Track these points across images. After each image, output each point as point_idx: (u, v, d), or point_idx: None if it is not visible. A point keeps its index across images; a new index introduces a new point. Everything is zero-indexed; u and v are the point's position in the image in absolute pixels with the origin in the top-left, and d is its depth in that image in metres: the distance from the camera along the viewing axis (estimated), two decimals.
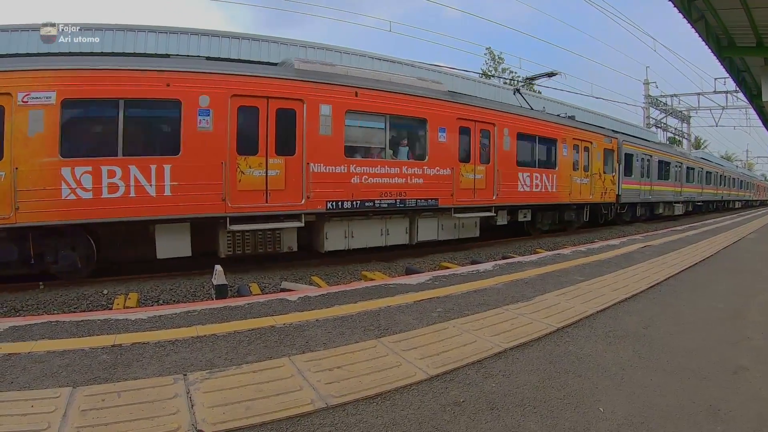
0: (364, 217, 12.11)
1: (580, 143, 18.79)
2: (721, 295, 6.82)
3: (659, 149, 28.11)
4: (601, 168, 20.15)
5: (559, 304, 5.86)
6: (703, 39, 15.75)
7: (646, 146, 26.15)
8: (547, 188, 16.75)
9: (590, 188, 19.35)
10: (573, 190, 18.18)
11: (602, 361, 4.10)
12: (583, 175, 18.89)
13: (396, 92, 12.25)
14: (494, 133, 14.54)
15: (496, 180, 14.48)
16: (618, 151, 21.74)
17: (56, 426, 2.72)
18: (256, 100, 9.97)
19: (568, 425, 3.02)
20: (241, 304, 5.53)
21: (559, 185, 17.37)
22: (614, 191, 21.40)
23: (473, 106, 14.25)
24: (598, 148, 20.03)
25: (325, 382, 3.44)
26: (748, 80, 21.35)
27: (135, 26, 17.52)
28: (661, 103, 47.65)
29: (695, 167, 34.26)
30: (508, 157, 15.03)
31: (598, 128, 22.93)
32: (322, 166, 10.76)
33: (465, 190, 13.63)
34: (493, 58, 53.62)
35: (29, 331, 4.35)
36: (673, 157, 29.60)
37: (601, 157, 20.18)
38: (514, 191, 15.36)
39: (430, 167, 12.72)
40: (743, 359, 4.24)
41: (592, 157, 19.52)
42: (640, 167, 24.05)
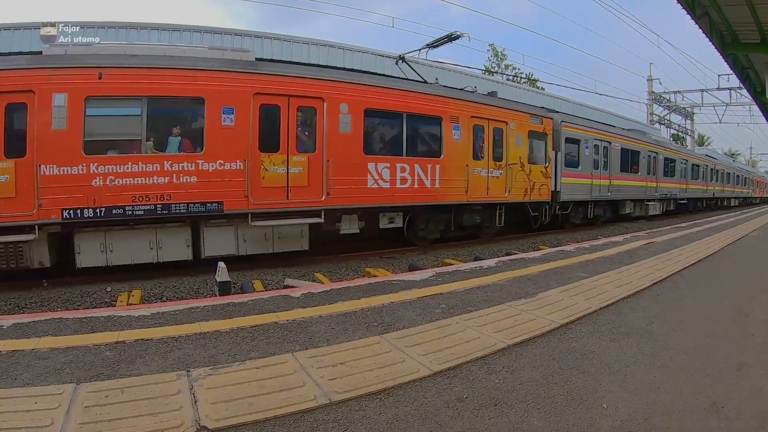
0: (125, 227, 9.53)
1: (486, 123, 14.41)
2: (725, 292, 6.80)
3: (623, 135, 23.30)
4: (524, 156, 15.70)
5: (562, 300, 5.85)
6: (707, 35, 15.73)
7: (604, 130, 21.18)
8: (424, 184, 12.66)
9: (505, 183, 14.97)
10: (474, 185, 13.91)
11: (606, 357, 4.10)
12: (493, 166, 14.57)
13: (158, 67, 9.52)
14: (323, 111, 10.87)
15: (326, 174, 10.79)
16: (554, 135, 17.19)
17: (59, 422, 2.73)
18: None
19: (571, 421, 3.01)
20: (245, 301, 5.54)
21: (448, 179, 13.19)
22: (548, 187, 16.83)
23: (285, 77, 10.64)
24: (519, 129, 15.53)
25: (328, 378, 3.44)
26: (752, 77, 21.33)
27: (137, 24, 17.55)
28: (664, 99, 47.53)
29: (677, 159, 29.53)
30: (348, 142, 11.25)
31: (520, 104, 17.58)
32: (56, 168, 8.61)
33: (272, 188, 10.29)
34: (496, 54, 53.52)
35: (33, 328, 4.36)
36: (645, 146, 24.69)
37: (523, 143, 15.71)
38: (360, 189, 11.49)
39: (207, 161, 9.58)
40: (747, 356, 4.23)
41: (509, 142, 15.04)
42: (593, 157, 19.62)
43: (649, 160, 24.90)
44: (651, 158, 25.22)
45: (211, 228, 10.14)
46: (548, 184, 16.86)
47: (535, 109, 17.80)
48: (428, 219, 13.82)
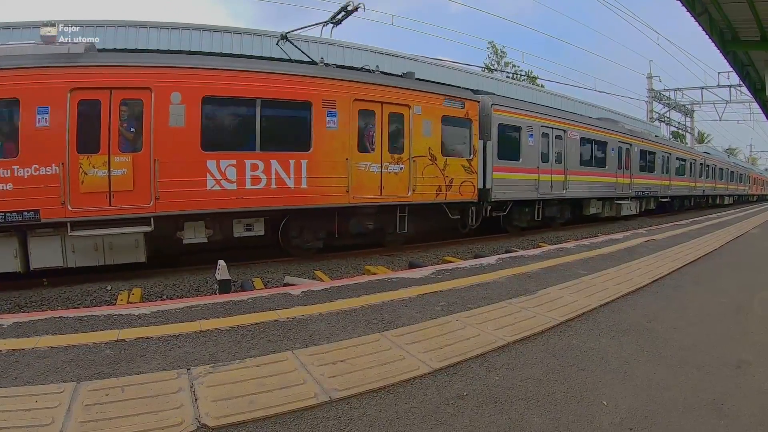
0: None
1: (379, 108, 11.84)
2: (725, 289, 6.81)
3: (584, 122, 19.72)
4: (436, 147, 12.92)
5: (562, 297, 5.86)
6: (707, 33, 15.71)
7: (556, 116, 18.04)
8: (285, 183, 10.38)
9: (408, 180, 12.32)
10: (360, 183, 11.44)
11: (605, 354, 4.10)
12: (389, 160, 11.99)
13: None
14: (151, 102, 9.14)
15: (153, 176, 9.11)
16: (482, 121, 14.32)
17: (60, 421, 2.73)
18: None
19: (571, 418, 3.02)
20: (245, 299, 5.54)
21: (320, 177, 10.81)
22: (472, 183, 13.91)
23: (106, 67, 9.11)
24: (429, 114, 12.75)
25: (328, 375, 3.44)
26: (752, 74, 21.31)
27: (137, 22, 17.52)
28: (664, 97, 47.50)
29: (657, 151, 25.97)
30: (180, 138, 9.41)
31: (431, 84, 14.58)
32: None
33: (92, 194, 8.84)
34: (496, 52, 53.63)
35: (33, 327, 4.36)
36: (614, 135, 21.33)
37: (435, 130, 12.91)
38: (197, 191, 9.53)
39: (22, 166, 8.38)
40: (746, 354, 4.23)
41: (412, 130, 12.36)
42: (541, 147, 16.67)
43: (620, 153, 21.65)
44: (622, 150, 21.95)
45: (36, 238, 8.89)
46: (473, 180, 13.91)
47: (453, 89, 14.85)
48: (303, 225, 11.56)
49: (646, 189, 24.62)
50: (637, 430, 2.92)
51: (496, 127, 14.77)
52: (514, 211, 16.22)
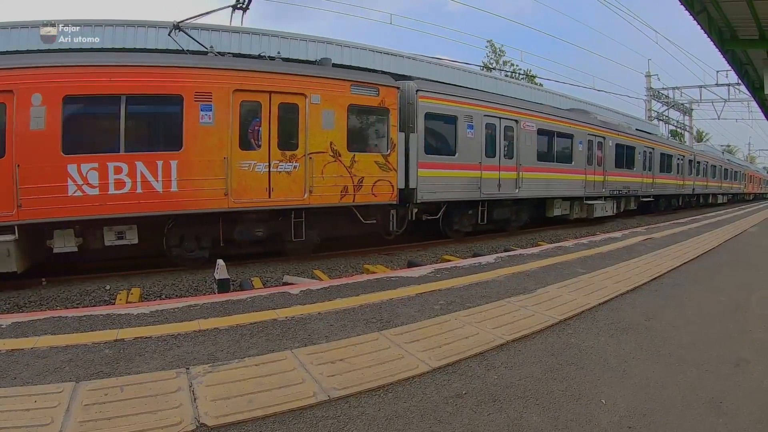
0: None
1: (266, 98, 10.35)
2: (723, 287, 6.82)
3: (542, 112, 17.43)
4: (340, 141, 11.24)
5: (561, 296, 5.86)
6: (706, 32, 15.71)
7: (503, 104, 15.68)
8: (152, 187, 9.18)
9: (304, 180, 10.71)
10: (242, 185, 10.02)
11: (604, 353, 4.11)
12: (280, 157, 10.43)
13: None
14: (13, 106, 8.43)
15: (16, 183, 8.38)
16: (402, 110, 12.50)
17: (59, 421, 2.73)
18: None
19: (570, 417, 3.02)
20: (244, 298, 5.54)
21: (193, 179, 9.49)
22: (390, 183, 12.02)
23: None
24: (331, 104, 11.11)
25: (327, 374, 3.44)
26: (751, 73, 21.30)
27: (135, 21, 17.49)
28: (663, 95, 47.49)
29: (637, 146, 23.55)
30: (41, 141, 8.64)
31: (336, 70, 12.42)
32: None
33: None
34: (495, 50, 53.55)
35: (32, 327, 4.36)
36: (583, 128, 19.03)
37: (339, 122, 11.24)
38: (59, 198, 8.65)
39: None
40: (745, 352, 4.24)
41: (310, 122, 10.76)
42: (485, 140, 14.57)
43: (590, 147, 19.44)
44: (593, 144, 19.72)
45: None
46: (391, 178, 12.05)
47: (365, 74, 12.83)
48: (183, 233, 10.32)
49: (624, 187, 22.32)
50: (635, 428, 2.92)
51: (422, 116, 12.82)
52: (454, 214, 14.50)
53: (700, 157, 35.06)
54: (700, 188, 34.92)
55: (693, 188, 32.93)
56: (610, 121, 22.65)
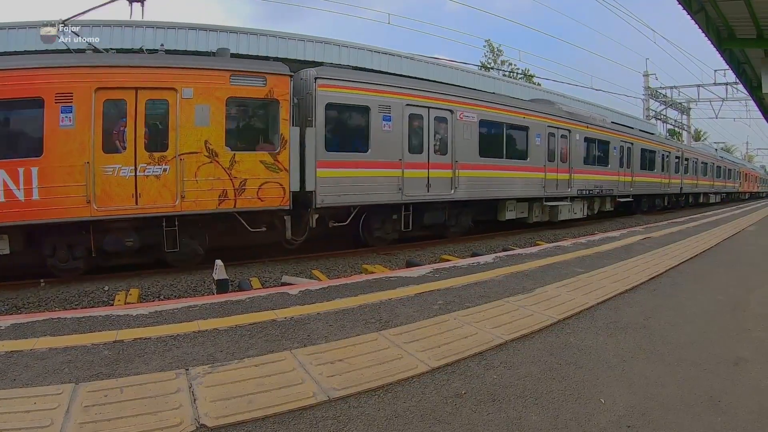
0: None
1: (131, 95, 9.30)
2: (722, 287, 6.83)
3: (483, 101, 15.07)
4: (216, 139, 9.87)
5: (559, 296, 5.87)
6: (703, 31, 15.72)
7: (432, 92, 13.52)
8: (14, 196, 8.56)
9: (176, 185, 9.48)
10: (107, 192, 9.04)
11: (603, 352, 4.12)
12: (147, 160, 9.31)
13: None
14: None
15: None
16: (294, 101, 10.91)
17: (59, 422, 2.73)
18: None
19: (569, 416, 3.03)
20: (242, 299, 5.54)
21: (53, 186, 8.71)
22: (281, 185, 10.49)
23: None
24: (206, 97, 9.80)
25: (326, 375, 3.45)
26: (749, 72, 21.32)
27: (132, 22, 17.46)
28: (660, 95, 47.56)
29: (612, 140, 21.22)
30: None
31: (213, 60, 11.00)
32: None
33: None
34: (492, 50, 53.60)
35: (31, 329, 4.35)
36: (543, 119, 16.99)
37: (216, 118, 9.88)
38: None
39: None
40: (743, 351, 4.25)
41: (181, 119, 9.56)
42: (408, 133, 12.67)
43: (552, 141, 17.41)
44: (556, 138, 17.65)
45: None
46: (282, 180, 10.53)
47: (249, 62, 11.39)
48: (55, 243, 9.45)
49: (596, 186, 20.10)
50: (635, 427, 2.93)
51: (322, 107, 11.12)
52: (374, 220, 12.79)
53: (689, 153, 32.91)
54: (689, 187, 32.63)
55: (681, 187, 30.64)
56: (578, 112, 20.32)
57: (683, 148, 32.75)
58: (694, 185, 33.48)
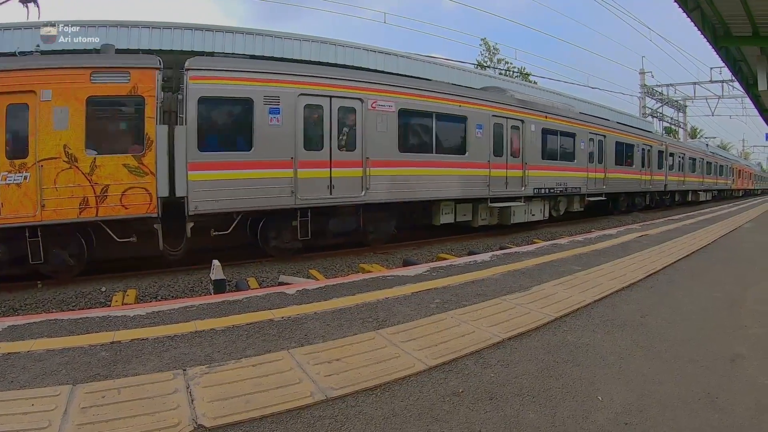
0: None
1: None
2: (718, 284, 6.85)
3: (405, 87, 13.08)
4: (76, 143, 9.06)
5: (556, 293, 5.88)
6: (699, 29, 15.74)
7: (340, 80, 11.79)
8: None
9: (37, 193, 8.81)
10: None
11: (600, 350, 4.12)
12: (8, 168, 8.75)
13: None
14: None
15: None
16: (161, 98, 9.80)
17: (57, 424, 2.72)
18: None
19: (566, 414, 3.04)
20: (240, 299, 5.54)
21: None
22: (147, 190, 9.46)
23: None
24: (66, 98, 9.03)
25: (324, 374, 3.45)
26: (744, 69, 21.36)
27: (129, 22, 17.44)
28: (657, 92, 47.67)
29: (579, 132, 18.96)
30: None
31: (71, 56, 9.91)
32: None
33: None
34: (489, 49, 53.63)
35: (28, 330, 4.34)
36: (482, 107, 14.82)
37: (76, 120, 9.08)
38: None
39: None
40: (740, 347, 4.27)
41: (40, 123, 8.88)
42: (303, 127, 11.06)
43: (498, 134, 15.36)
44: (505, 130, 15.64)
45: None
46: (148, 185, 9.45)
47: (112, 58, 10.12)
48: None
49: (559, 184, 17.84)
50: (632, 424, 2.94)
51: (194, 102, 9.85)
52: (270, 228, 11.30)
53: (674, 148, 30.33)
54: (675, 184, 30.12)
55: (665, 185, 28.14)
56: (535, 101, 18.17)
57: (667, 142, 30.06)
58: (680, 182, 31.44)
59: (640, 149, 24.39)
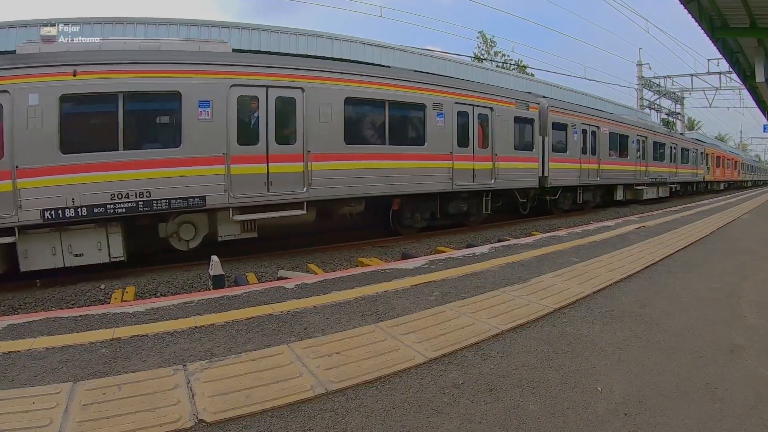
0: None
1: None
2: (716, 274, 6.86)
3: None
4: None
5: (555, 285, 5.89)
6: (696, 20, 15.74)
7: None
8: None
9: None
10: None
11: (599, 341, 4.13)
12: None
13: None
14: None
15: None
16: None
17: (58, 421, 2.72)
18: None
19: (566, 405, 3.04)
20: (239, 294, 5.54)
21: None
22: None
23: None
24: None
25: (324, 368, 3.45)
26: (742, 61, 21.37)
27: (123, 19, 17.40)
28: (654, 84, 47.66)
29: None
30: None
31: None
32: None
33: None
34: (486, 41, 53.58)
35: (28, 329, 4.34)
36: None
37: None
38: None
39: None
40: (739, 338, 4.28)
41: None
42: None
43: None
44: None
45: None
46: None
47: None
48: None
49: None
50: (631, 414, 2.95)
51: None
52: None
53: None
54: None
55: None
56: None
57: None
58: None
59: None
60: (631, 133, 24.04)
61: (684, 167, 32.05)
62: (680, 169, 31.21)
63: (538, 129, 17.15)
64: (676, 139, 31.52)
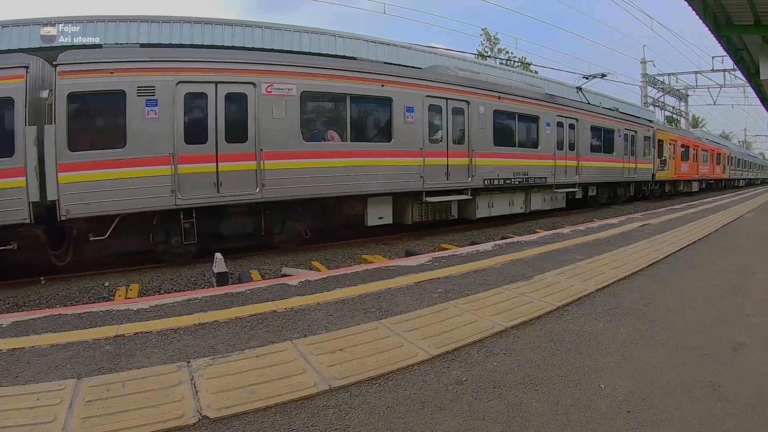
0: None
1: None
2: (720, 272, 6.84)
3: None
4: None
5: (558, 282, 5.88)
6: (701, 17, 15.65)
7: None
8: None
9: None
10: None
11: (603, 338, 4.13)
12: None
13: None
14: None
15: None
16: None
17: (62, 418, 2.73)
18: None
19: (569, 402, 3.04)
20: (242, 291, 5.54)
21: None
22: None
23: None
24: None
25: (327, 364, 3.46)
26: (746, 58, 21.24)
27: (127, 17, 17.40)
28: (658, 81, 47.49)
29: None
30: None
31: None
32: None
33: None
34: (489, 38, 53.47)
35: (32, 326, 4.35)
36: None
37: None
38: None
39: None
40: (743, 336, 4.26)
41: None
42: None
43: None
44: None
45: None
46: None
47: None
48: None
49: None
50: (635, 412, 2.94)
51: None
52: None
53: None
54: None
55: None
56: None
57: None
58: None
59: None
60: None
61: (626, 160, 22.97)
62: (622, 162, 22.63)
63: None
64: (573, 111, 19.25)
